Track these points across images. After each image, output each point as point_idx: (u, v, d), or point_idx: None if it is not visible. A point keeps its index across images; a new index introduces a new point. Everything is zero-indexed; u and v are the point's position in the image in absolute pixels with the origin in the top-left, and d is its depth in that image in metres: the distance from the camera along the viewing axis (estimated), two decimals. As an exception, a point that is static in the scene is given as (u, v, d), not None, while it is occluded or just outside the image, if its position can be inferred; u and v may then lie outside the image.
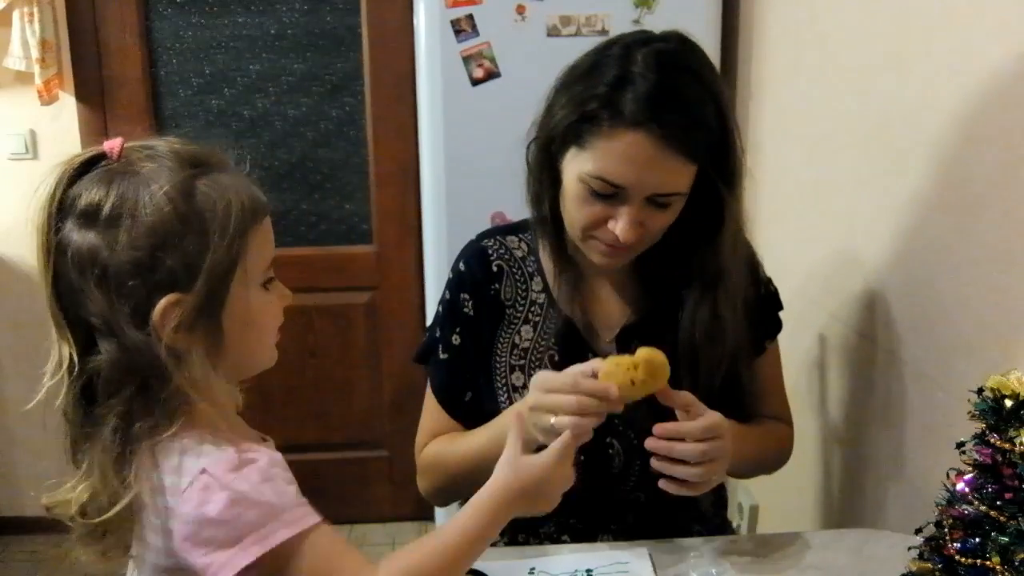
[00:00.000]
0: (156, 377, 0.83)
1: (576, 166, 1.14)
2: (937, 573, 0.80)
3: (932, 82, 1.32)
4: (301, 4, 2.55)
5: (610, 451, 1.26)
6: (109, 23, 2.52)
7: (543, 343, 1.27)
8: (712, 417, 1.07)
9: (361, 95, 2.61)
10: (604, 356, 1.26)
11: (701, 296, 1.21)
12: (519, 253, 1.32)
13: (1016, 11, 1.13)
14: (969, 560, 0.77)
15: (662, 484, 1.08)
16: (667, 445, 1.06)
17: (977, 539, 0.77)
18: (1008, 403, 0.76)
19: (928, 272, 1.35)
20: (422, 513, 2.76)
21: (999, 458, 0.77)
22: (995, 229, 1.19)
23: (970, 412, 0.79)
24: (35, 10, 2.33)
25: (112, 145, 0.86)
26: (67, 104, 2.52)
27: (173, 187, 0.83)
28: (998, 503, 0.76)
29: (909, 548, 0.84)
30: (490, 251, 1.32)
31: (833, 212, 1.68)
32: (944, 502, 0.81)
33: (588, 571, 1.12)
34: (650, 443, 1.06)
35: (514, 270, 1.31)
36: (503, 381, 1.28)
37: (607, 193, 1.12)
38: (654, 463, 1.07)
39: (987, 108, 1.20)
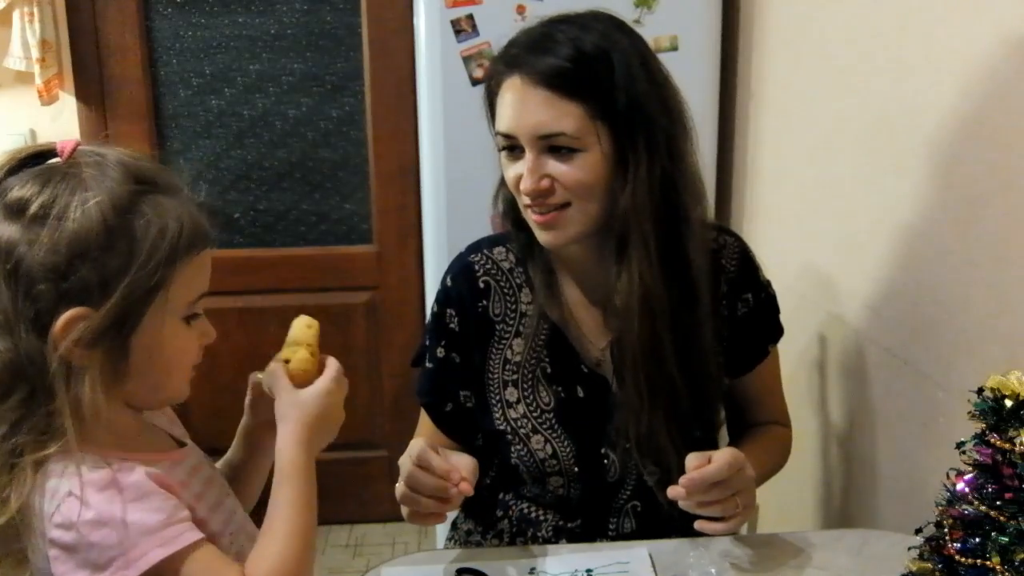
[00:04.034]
0: (43, 390, 0.80)
1: None
2: (937, 573, 0.80)
3: (932, 82, 1.32)
4: (301, 4, 2.55)
5: (605, 461, 1.26)
6: (109, 23, 2.51)
7: (534, 355, 1.26)
8: (724, 456, 1.08)
9: (361, 95, 2.61)
10: (596, 365, 1.26)
11: (617, 265, 1.17)
12: (506, 265, 1.29)
13: (1016, 11, 1.13)
14: (969, 560, 0.77)
15: (698, 525, 1.10)
16: (694, 497, 1.07)
17: (977, 539, 0.77)
18: (1008, 403, 0.76)
19: (928, 272, 1.35)
20: (422, 513, 2.75)
21: (999, 458, 0.77)
22: (995, 229, 1.19)
23: (970, 412, 0.79)
24: (35, 10, 2.33)
25: (64, 144, 0.84)
26: (67, 104, 2.51)
27: (109, 199, 0.80)
28: (998, 503, 0.76)
29: (909, 548, 0.84)
30: (476, 267, 1.29)
31: (833, 212, 1.68)
32: (944, 502, 0.81)
33: (588, 571, 1.12)
34: (672, 493, 1.08)
35: (502, 284, 1.29)
36: (497, 398, 1.27)
37: (509, 147, 1.17)
38: (698, 525, 1.10)
39: (987, 108, 1.20)
